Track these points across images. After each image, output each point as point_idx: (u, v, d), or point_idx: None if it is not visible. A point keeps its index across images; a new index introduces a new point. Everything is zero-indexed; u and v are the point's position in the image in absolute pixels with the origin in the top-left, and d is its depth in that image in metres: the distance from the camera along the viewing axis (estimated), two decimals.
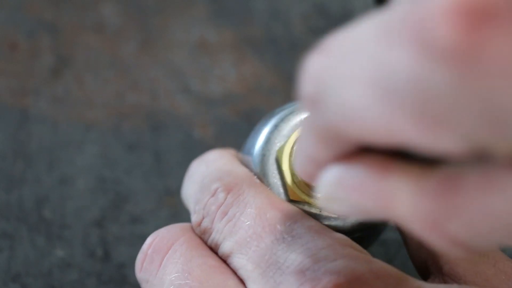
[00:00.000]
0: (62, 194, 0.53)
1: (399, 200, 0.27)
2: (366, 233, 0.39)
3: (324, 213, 0.38)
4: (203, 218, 0.39)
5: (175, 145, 0.56)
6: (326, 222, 0.38)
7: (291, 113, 0.40)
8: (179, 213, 0.52)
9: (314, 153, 0.30)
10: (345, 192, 0.29)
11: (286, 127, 0.40)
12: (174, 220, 0.52)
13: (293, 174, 0.38)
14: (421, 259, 0.39)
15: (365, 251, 0.36)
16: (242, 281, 0.36)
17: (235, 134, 0.56)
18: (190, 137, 0.56)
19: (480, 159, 0.25)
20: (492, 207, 0.25)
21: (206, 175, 0.40)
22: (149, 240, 0.39)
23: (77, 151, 0.55)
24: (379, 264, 0.34)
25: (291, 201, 0.38)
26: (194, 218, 0.39)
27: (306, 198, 0.38)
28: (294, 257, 0.34)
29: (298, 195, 0.38)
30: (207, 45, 0.61)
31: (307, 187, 0.38)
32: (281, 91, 0.58)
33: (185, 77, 0.59)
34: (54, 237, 0.51)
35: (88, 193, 0.53)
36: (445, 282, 0.37)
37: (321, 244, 0.35)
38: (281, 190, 0.39)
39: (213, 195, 0.39)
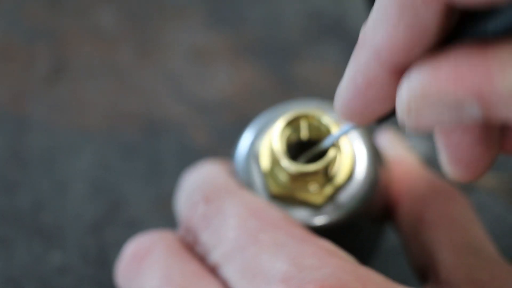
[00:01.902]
0: (59, 199, 0.53)
1: (500, 75, 0.26)
2: (349, 232, 0.39)
3: (306, 208, 0.38)
4: (187, 230, 0.38)
5: (170, 150, 0.56)
6: (308, 215, 0.38)
7: (275, 114, 0.40)
8: (175, 218, 0.52)
9: (393, 45, 0.28)
10: (437, 87, 0.28)
11: (269, 126, 0.40)
12: (170, 225, 0.52)
13: (272, 168, 0.38)
14: (421, 266, 0.39)
15: (351, 257, 0.36)
16: (223, 283, 0.36)
17: (230, 139, 0.57)
18: (185, 143, 0.56)
19: None
20: None
21: (191, 186, 0.40)
22: (128, 246, 0.39)
23: (74, 156, 0.55)
24: (366, 272, 0.34)
25: (273, 197, 0.38)
26: (180, 230, 0.39)
27: (287, 192, 0.38)
28: (279, 266, 0.34)
29: (279, 189, 0.38)
30: (203, 51, 0.61)
31: (287, 180, 0.38)
32: (276, 96, 0.59)
33: (181, 83, 0.59)
34: (50, 242, 0.51)
35: (85, 198, 0.53)
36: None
37: (307, 251, 0.35)
38: (263, 187, 0.39)
39: (194, 207, 0.38)
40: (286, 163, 0.37)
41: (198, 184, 0.40)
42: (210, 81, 0.59)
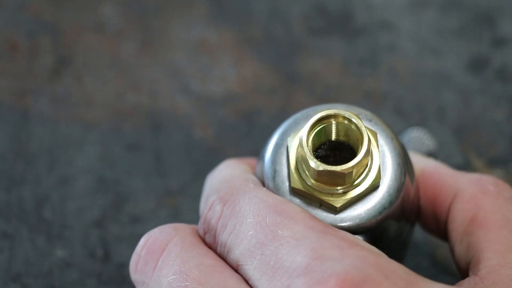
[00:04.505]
0: (62, 194, 0.53)
1: None
2: (373, 234, 0.39)
3: (324, 208, 0.38)
4: (207, 232, 0.39)
5: (175, 145, 0.56)
6: (325, 219, 0.38)
7: (313, 110, 0.40)
8: (179, 213, 0.52)
9: None
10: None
11: (304, 121, 0.40)
12: (174, 220, 0.52)
13: (298, 163, 0.38)
14: (465, 263, 0.39)
15: (374, 248, 0.35)
16: (243, 279, 0.36)
17: (235, 134, 0.56)
18: (190, 137, 0.56)
19: None
20: None
21: (209, 188, 0.41)
22: (142, 241, 0.39)
23: (77, 151, 0.55)
24: (388, 264, 0.34)
25: (294, 192, 0.38)
26: (200, 231, 0.39)
27: (307, 189, 0.38)
28: (300, 260, 0.34)
29: (300, 184, 0.38)
30: (207, 46, 0.61)
31: (311, 179, 0.38)
32: (281, 91, 0.58)
33: (185, 77, 0.59)
34: (54, 237, 0.51)
35: (88, 193, 0.53)
36: (477, 284, 0.37)
37: (328, 244, 0.35)
38: (286, 178, 0.39)
39: (210, 209, 0.38)
40: (313, 162, 0.37)
41: (216, 186, 0.40)
42: (215, 75, 0.59)
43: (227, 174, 0.40)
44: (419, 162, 0.43)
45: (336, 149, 0.39)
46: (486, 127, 0.56)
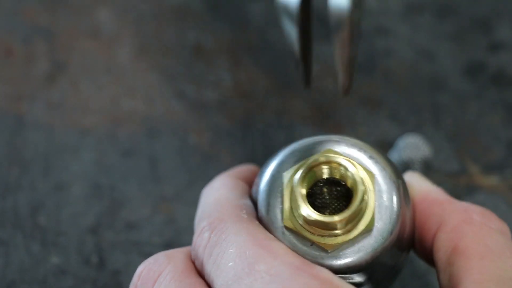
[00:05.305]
0: (58, 200, 0.53)
1: None
2: (363, 276, 0.38)
3: (315, 248, 0.38)
4: (195, 258, 0.39)
5: (170, 151, 0.56)
6: (316, 258, 0.38)
7: (313, 142, 0.40)
8: (175, 220, 0.52)
9: None
10: None
11: (303, 154, 0.39)
12: (170, 227, 0.52)
13: (292, 201, 0.38)
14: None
15: (348, 286, 0.35)
16: None
17: (230, 140, 0.56)
18: (185, 143, 0.56)
19: None
20: None
21: (202, 210, 0.41)
22: (138, 270, 0.40)
23: (73, 157, 0.55)
24: None
25: (285, 227, 0.38)
26: (192, 255, 0.40)
27: (299, 228, 0.38)
28: None
29: (292, 223, 0.38)
30: (203, 51, 0.61)
31: (303, 219, 0.37)
32: (277, 97, 0.58)
33: (181, 83, 0.59)
34: (49, 244, 0.51)
35: (84, 199, 0.53)
36: None
37: (299, 282, 0.34)
38: (279, 214, 0.38)
39: (200, 235, 0.39)
40: (305, 210, 0.37)
41: (209, 208, 0.40)
42: (210, 81, 0.59)
43: (221, 196, 0.40)
44: (413, 186, 0.42)
45: (333, 184, 0.38)
46: (482, 133, 0.56)
